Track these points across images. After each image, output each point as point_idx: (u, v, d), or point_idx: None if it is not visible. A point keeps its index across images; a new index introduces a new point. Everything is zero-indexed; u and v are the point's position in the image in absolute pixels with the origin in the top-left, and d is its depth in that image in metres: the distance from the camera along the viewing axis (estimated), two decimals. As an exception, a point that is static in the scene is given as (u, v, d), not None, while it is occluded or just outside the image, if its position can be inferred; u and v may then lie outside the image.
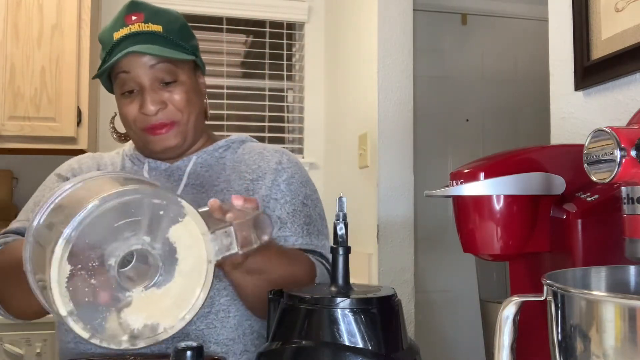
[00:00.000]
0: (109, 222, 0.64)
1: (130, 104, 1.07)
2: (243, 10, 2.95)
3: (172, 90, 1.06)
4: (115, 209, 0.64)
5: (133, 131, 1.10)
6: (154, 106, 1.04)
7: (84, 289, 0.62)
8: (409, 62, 2.24)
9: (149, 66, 1.04)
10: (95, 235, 0.63)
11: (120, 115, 1.10)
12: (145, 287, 0.66)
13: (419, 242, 2.52)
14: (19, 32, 2.40)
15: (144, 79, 1.05)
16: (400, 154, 2.21)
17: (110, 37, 1.06)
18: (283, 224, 1.09)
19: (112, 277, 0.64)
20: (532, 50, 2.80)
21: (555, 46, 1.23)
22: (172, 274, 0.67)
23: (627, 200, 0.60)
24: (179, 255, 0.67)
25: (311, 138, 3.03)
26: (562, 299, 0.53)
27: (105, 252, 0.64)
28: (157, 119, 1.06)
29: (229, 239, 0.70)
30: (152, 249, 0.66)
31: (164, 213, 0.67)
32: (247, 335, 1.05)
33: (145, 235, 0.66)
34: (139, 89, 1.06)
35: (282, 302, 0.67)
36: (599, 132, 0.59)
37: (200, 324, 1.02)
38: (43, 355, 2.05)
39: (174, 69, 1.06)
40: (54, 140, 2.43)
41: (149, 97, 1.04)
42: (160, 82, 1.06)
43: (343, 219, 0.68)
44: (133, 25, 1.05)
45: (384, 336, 0.63)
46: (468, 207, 0.81)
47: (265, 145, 1.21)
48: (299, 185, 1.14)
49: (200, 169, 1.13)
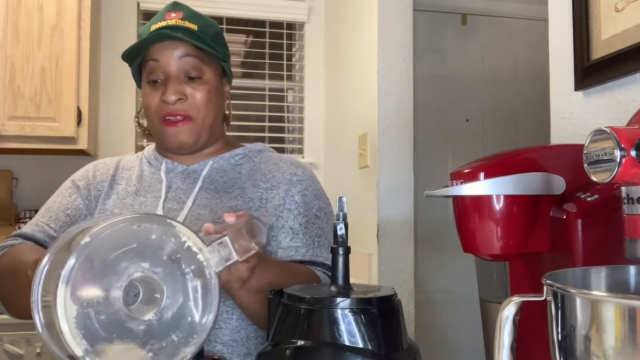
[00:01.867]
0: (105, 256, 0.63)
1: (154, 92, 1.10)
2: (243, 10, 2.95)
3: (195, 87, 1.10)
4: (107, 242, 0.64)
5: (153, 122, 1.12)
6: (174, 95, 1.07)
7: (94, 326, 0.62)
8: (409, 62, 2.24)
9: (178, 57, 1.08)
10: (93, 271, 0.63)
11: (143, 105, 1.13)
12: (155, 312, 0.65)
13: (419, 242, 2.52)
14: (19, 32, 2.41)
15: (171, 67, 1.08)
16: (400, 154, 2.21)
17: (147, 29, 1.11)
18: (295, 234, 1.10)
19: (120, 309, 0.63)
20: (532, 50, 2.80)
21: (555, 46, 1.23)
22: (179, 295, 0.67)
23: (627, 200, 0.60)
24: (182, 275, 0.67)
25: (311, 138, 3.03)
26: (562, 299, 0.53)
27: (106, 285, 0.63)
28: (174, 109, 1.08)
29: (227, 249, 0.71)
30: (153, 273, 0.66)
31: (156, 237, 0.66)
32: (251, 339, 1.06)
33: (142, 261, 0.65)
34: (165, 79, 1.09)
35: (282, 302, 0.67)
36: (599, 132, 0.59)
37: None
38: (43, 355, 2.05)
39: (200, 66, 1.10)
40: (54, 140, 2.43)
41: (172, 86, 1.08)
42: (186, 75, 1.09)
43: (343, 219, 0.68)
44: (171, 20, 1.10)
45: (384, 336, 0.63)
46: (468, 207, 0.81)
47: (282, 155, 1.23)
48: (313, 198, 1.15)
49: (216, 174, 1.14)
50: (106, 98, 2.81)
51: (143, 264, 0.65)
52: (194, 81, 1.10)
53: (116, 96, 2.81)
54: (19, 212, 2.60)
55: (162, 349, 0.65)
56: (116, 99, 2.81)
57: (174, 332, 0.66)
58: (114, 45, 2.80)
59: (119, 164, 1.20)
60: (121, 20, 2.84)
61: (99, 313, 0.62)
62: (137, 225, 0.66)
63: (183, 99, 1.08)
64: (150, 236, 0.66)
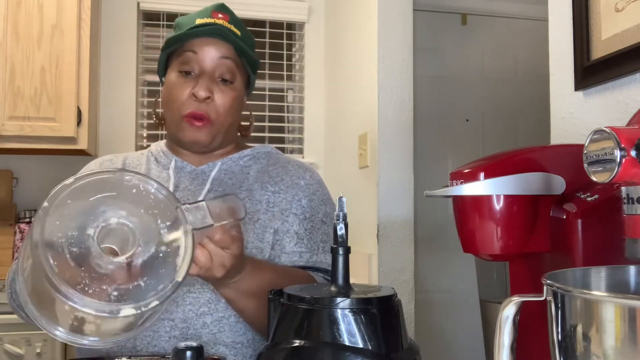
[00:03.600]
0: (85, 197, 0.69)
1: (184, 84, 1.09)
2: (243, 10, 2.95)
3: (224, 90, 1.10)
4: (89, 186, 0.69)
5: (173, 114, 1.11)
6: (205, 92, 1.07)
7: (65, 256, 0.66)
8: (409, 62, 2.24)
9: (218, 56, 1.08)
10: (71, 207, 0.68)
11: (167, 95, 1.12)
12: (127, 256, 0.70)
13: (419, 242, 2.52)
14: (19, 32, 2.40)
15: (209, 64, 1.08)
16: (400, 154, 2.21)
17: (192, 20, 1.10)
18: (300, 239, 1.10)
19: (92, 245, 0.68)
20: (532, 50, 2.80)
21: (555, 46, 1.23)
22: (151, 246, 0.71)
23: (627, 200, 0.60)
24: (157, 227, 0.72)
25: (311, 138, 3.03)
26: (562, 299, 0.53)
27: (83, 223, 0.68)
28: (200, 108, 1.07)
29: (202, 212, 0.75)
30: (129, 221, 0.70)
31: (136, 191, 0.72)
32: (257, 342, 1.06)
33: (120, 209, 0.70)
34: (198, 73, 1.09)
35: (282, 302, 0.67)
36: (598, 132, 0.59)
37: (213, 328, 1.03)
38: (43, 355, 2.05)
39: (235, 71, 1.11)
40: (54, 140, 2.43)
41: (205, 82, 1.07)
42: (220, 76, 1.09)
43: (343, 219, 0.68)
44: (218, 20, 1.10)
45: (384, 336, 0.63)
46: (468, 207, 0.81)
47: (289, 158, 1.23)
48: (320, 203, 1.15)
49: (224, 176, 1.14)
50: (106, 98, 2.81)
51: (120, 211, 0.71)
52: (225, 84, 1.10)
53: (116, 96, 2.81)
54: (19, 212, 2.60)
55: (128, 291, 0.68)
56: (116, 99, 2.81)
57: (142, 279, 0.70)
58: (114, 45, 2.80)
59: (125, 161, 1.20)
60: (121, 20, 2.84)
61: (72, 245, 0.67)
62: (119, 175, 0.72)
63: (210, 100, 1.08)
64: (131, 190, 0.72)
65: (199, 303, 1.02)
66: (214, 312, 1.03)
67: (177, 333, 1.02)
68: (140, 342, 1.03)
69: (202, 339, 1.02)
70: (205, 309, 1.02)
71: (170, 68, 1.12)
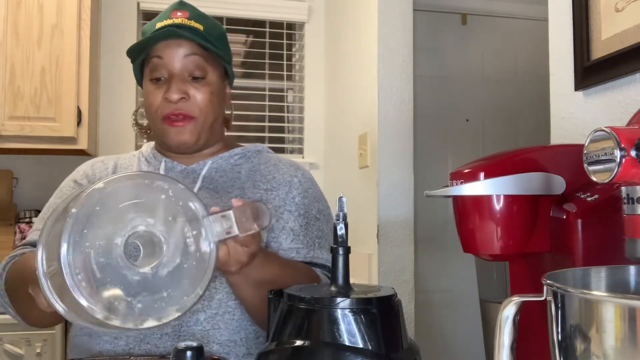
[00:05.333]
0: (114, 204, 0.68)
1: (156, 91, 1.09)
2: (243, 10, 2.95)
3: (198, 87, 1.09)
4: (118, 192, 0.68)
5: (154, 120, 1.11)
6: (177, 94, 1.07)
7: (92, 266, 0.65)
8: (409, 62, 2.24)
9: (183, 55, 1.08)
10: (99, 216, 0.67)
11: (145, 103, 1.12)
12: (152, 267, 0.69)
13: (419, 242, 2.52)
14: (19, 32, 2.40)
15: (176, 66, 1.08)
16: (400, 154, 2.21)
17: (152, 26, 1.11)
18: (296, 235, 1.11)
19: (119, 255, 0.67)
20: (532, 50, 2.80)
21: (555, 46, 1.23)
22: (177, 255, 0.70)
23: (627, 200, 0.60)
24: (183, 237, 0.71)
25: (311, 138, 3.03)
26: (562, 299, 0.53)
27: (110, 231, 0.67)
28: (177, 108, 1.08)
29: (229, 222, 0.74)
30: (157, 229, 0.69)
31: (165, 197, 0.70)
32: (250, 340, 1.06)
33: (148, 217, 0.69)
34: (168, 77, 1.09)
35: (282, 302, 0.67)
36: (598, 132, 0.59)
37: (206, 325, 1.03)
38: (43, 355, 2.05)
39: (204, 66, 1.10)
40: (54, 140, 2.43)
41: (175, 85, 1.07)
42: (190, 74, 1.09)
43: (343, 219, 0.68)
44: (177, 19, 1.10)
45: (384, 336, 0.63)
46: (468, 207, 0.81)
47: (281, 157, 1.24)
48: (313, 200, 1.16)
49: (215, 174, 1.14)
50: (106, 98, 2.81)
51: (149, 219, 0.69)
52: (197, 81, 1.09)
53: (116, 96, 2.81)
54: (19, 212, 2.60)
55: (152, 302, 0.68)
56: (116, 99, 2.81)
57: (166, 290, 0.69)
58: (114, 45, 2.80)
59: (117, 162, 1.20)
60: (121, 20, 2.83)
61: (99, 255, 0.66)
62: (149, 181, 0.70)
63: (186, 99, 1.08)
64: (160, 195, 0.70)
65: None
66: (207, 309, 1.03)
67: (169, 330, 1.02)
68: (133, 339, 1.02)
69: (195, 337, 1.01)
70: (198, 305, 1.02)
71: (145, 77, 1.13)
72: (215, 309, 1.03)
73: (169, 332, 1.01)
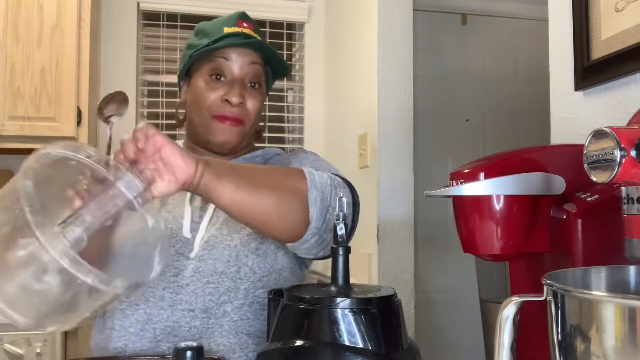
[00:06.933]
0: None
1: (215, 89, 1.13)
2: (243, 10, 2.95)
3: (253, 94, 1.15)
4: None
5: (201, 115, 1.13)
6: (238, 99, 1.11)
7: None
8: (409, 62, 2.24)
9: (249, 62, 1.14)
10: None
11: (197, 98, 1.14)
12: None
13: (419, 242, 2.52)
14: (19, 32, 2.40)
15: (240, 71, 1.14)
16: (400, 154, 2.21)
17: (219, 29, 1.15)
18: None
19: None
20: (532, 50, 2.80)
21: (555, 46, 1.23)
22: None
23: (627, 200, 0.60)
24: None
25: (311, 138, 3.03)
26: (562, 299, 0.53)
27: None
28: (232, 112, 1.12)
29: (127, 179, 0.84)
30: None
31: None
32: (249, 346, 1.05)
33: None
34: (230, 79, 1.13)
35: (282, 302, 0.67)
36: (598, 132, 0.59)
37: (234, 316, 1.03)
38: (43, 355, 2.05)
39: (262, 76, 1.17)
40: (54, 141, 2.42)
41: (238, 89, 1.12)
42: (250, 81, 1.15)
43: (343, 219, 0.68)
44: (245, 29, 1.17)
45: (384, 336, 0.63)
46: (468, 207, 0.81)
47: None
48: (324, 162, 1.21)
49: None
50: (106, 98, 2.80)
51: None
52: (253, 88, 1.15)
53: (116, 96, 2.81)
54: (19, 212, 2.60)
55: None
56: (116, 99, 2.81)
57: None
58: (114, 45, 2.80)
59: None
60: (121, 20, 2.83)
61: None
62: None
63: (242, 104, 1.13)
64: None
65: (219, 292, 1.03)
66: (234, 300, 1.03)
67: (197, 323, 1.02)
68: (160, 332, 1.01)
69: (223, 328, 1.02)
70: (225, 297, 1.03)
71: (199, 72, 1.15)
72: (242, 299, 1.04)
73: (197, 324, 1.01)
